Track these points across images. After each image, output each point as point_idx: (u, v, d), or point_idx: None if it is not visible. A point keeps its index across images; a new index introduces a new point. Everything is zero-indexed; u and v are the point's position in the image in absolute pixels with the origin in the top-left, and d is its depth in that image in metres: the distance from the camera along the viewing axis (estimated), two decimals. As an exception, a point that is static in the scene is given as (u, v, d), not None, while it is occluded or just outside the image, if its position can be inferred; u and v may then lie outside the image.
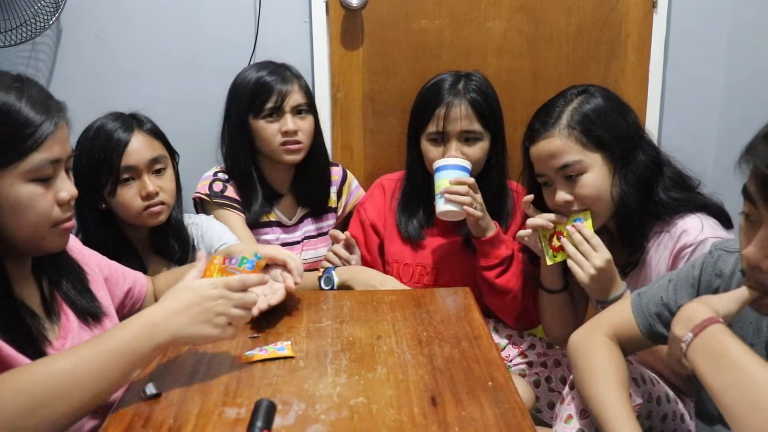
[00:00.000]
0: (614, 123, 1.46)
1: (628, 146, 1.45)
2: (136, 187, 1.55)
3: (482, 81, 1.72)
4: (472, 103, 1.66)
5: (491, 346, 1.18)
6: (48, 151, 0.99)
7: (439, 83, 1.70)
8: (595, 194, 1.44)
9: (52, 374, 0.92)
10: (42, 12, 1.93)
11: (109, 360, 0.95)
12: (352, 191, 2.02)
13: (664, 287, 1.22)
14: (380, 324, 1.28)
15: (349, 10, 2.09)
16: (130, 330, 0.99)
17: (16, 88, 0.98)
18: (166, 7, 2.08)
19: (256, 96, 1.79)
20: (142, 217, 1.57)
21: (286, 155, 1.81)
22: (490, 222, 1.65)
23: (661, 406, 1.33)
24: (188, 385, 1.05)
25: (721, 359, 0.93)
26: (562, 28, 2.16)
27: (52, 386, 0.90)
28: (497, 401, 1.00)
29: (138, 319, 1.01)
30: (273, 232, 1.90)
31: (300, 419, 0.95)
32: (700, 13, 2.19)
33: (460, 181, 1.59)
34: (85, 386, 0.93)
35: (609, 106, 1.47)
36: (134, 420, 0.96)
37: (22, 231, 1.01)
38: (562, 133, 1.44)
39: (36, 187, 1.00)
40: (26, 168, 0.98)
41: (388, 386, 1.04)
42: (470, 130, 1.67)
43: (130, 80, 2.11)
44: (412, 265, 1.78)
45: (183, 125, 1.93)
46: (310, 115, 1.84)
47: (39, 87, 1.03)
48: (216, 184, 1.84)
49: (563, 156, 1.44)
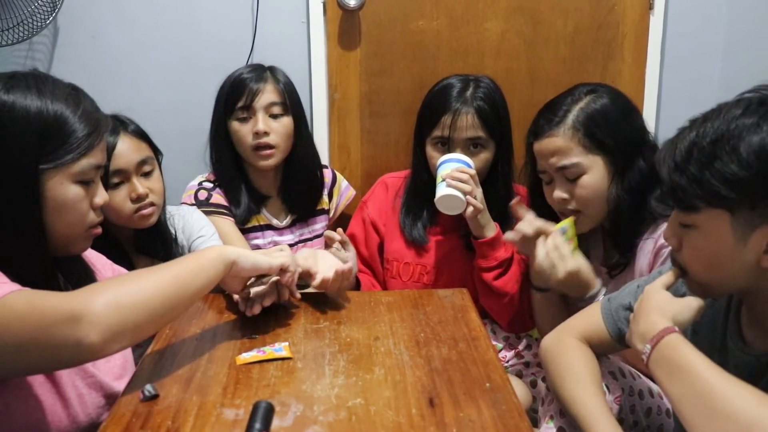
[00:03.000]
0: (619, 127, 1.46)
1: (630, 151, 1.46)
2: (126, 190, 1.53)
3: (490, 87, 1.71)
4: (479, 111, 1.66)
5: (489, 347, 1.19)
6: (94, 157, 1.08)
7: (448, 88, 1.70)
8: (592, 196, 1.46)
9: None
10: (39, 12, 1.93)
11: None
12: (342, 192, 2.01)
13: (633, 293, 1.24)
14: (378, 325, 1.28)
15: (346, 10, 2.09)
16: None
17: (73, 98, 1.07)
18: (163, 7, 2.08)
19: (229, 95, 1.77)
20: (132, 220, 1.55)
21: (259, 161, 1.78)
22: (490, 221, 1.65)
23: (644, 400, 1.34)
24: (186, 386, 1.05)
25: (678, 368, 0.95)
26: (559, 29, 2.16)
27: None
28: (495, 402, 1.00)
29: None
30: (265, 236, 1.87)
31: (298, 420, 0.96)
32: (697, 15, 2.19)
33: (462, 169, 1.60)
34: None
35: (616, 109, 1.48)
36: (132, 421, 0.96)
37: (60, 229, 1.07)
38: (567, 134, 1.45)
39: (80, 189, 1.07)
40: (76, 170, 1.05)
41: (386, 387, 1.04)
42: (476, 138, 1.67)
43: (127, 80, 2.10)
44: (412, 264, 1.78)
45: (181, 126, 1.94)
46: (286, 116, 1.79)
47: (91, 100, 1.13)
48: (201, 192, 1.81)
49: (564, 157, 1.45)
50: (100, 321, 0.93)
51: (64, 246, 1.10)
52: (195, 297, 1.09)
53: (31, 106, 1.02)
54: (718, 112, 0.98)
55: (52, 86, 1.06)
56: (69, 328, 0.91)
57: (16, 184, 1.01)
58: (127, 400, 1.01)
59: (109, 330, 0.93)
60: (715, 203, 0.95)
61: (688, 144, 0.98)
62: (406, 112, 2.09)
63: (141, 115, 1.63)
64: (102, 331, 0.92)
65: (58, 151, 1.03)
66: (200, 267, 1.11)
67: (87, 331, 0.92)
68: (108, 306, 0.94)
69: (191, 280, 1.08)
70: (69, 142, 1.04)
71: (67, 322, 0.91)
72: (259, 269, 1.22)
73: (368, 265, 1.86)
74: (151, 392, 1.01)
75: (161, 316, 1.03)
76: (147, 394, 1.01)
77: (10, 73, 1.06)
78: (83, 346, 0.92)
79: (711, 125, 0.96)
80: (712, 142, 0.94)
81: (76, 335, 0.91)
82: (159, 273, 1.06)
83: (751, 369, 1.03)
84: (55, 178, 1.04)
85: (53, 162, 1.03)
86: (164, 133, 1.66)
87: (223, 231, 1.74)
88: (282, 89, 1.79)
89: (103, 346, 0.93)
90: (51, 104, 1.04)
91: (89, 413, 1.09)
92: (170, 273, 1.07)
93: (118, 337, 0.95)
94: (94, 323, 0.92)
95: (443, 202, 1.60)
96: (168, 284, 1.04)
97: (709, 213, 0.96)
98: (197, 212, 1.74)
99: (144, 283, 1.03)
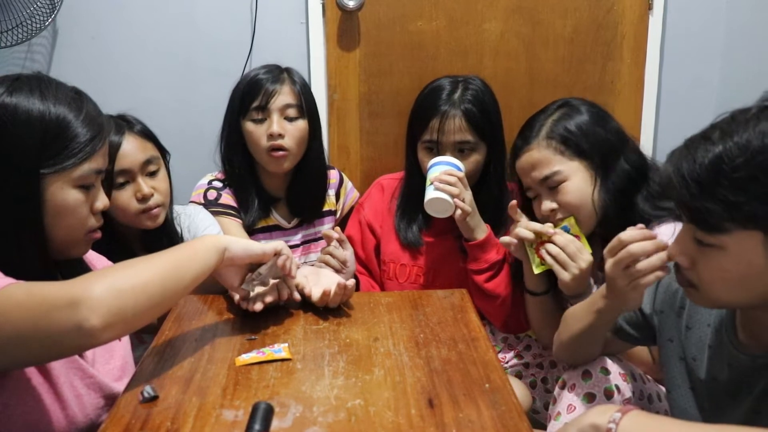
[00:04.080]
0: (593, 131, 1.49)
1: (608, 154, 1.48)
2: (131, 190, 1.54)
3: (480, 89, 1.71)
4: (467, 114, 1.66)
5: (488, 347, 1.19)
6: (96, 162, 1.08)
7: (437, 90, 1.70)
8: (577, 201, 1.47)
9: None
10: (38, 13, 1.93)
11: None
12: (348, 193, 2.02)
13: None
14: (377, 326, 1.28)
15: (345, 11, 2.09)
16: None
17: (76, 102, 1.08)
18: (162, 8, 2.08)
19: (245, 95, 1.75)
20: (139, 219, 1.56)
21: (272, 164, 1.77)
22: (480, 224, 1.64)
23: (653, 404, 1.35)
24: (186, 387, 1.05)
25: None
26: (558, 29, 2.16)
27: None
28: (494, 403, 1.00)
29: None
30: (273, 237, 1.86)
31: (297, 421, 0.95)
32: (696, 15, 2.20)
33: (450, 172, 1.60)
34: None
35: (588, 115, 1.51)
36: (132, 423, 0.96)
37: (59, 233, 1.07)
38: (541, 144, 1.49)
39: (80, 194, 1.07)
40: (77, 175, 1.06)
41: (386, 388, 1.04)
42: (464, 141, 1.67)
43: (126, 82, 2.10)
44: (408, 265, 1.78)
45: (180, 127, 1.94)
46: (301, 119, 1.77)
47: (94, 104, 1.12)
48: (210, 192, 1.81)
49: (543, 167, 1.48)
50: (100, 305, 0.93)
51: (64, 250, 1.10)
52: (191, 284, 1.10)
53: (33, 109, 1.02)
54: (741, 124, 0.91)
55: (55, 90, 1.06)
56: (69, 313, 0.91)
57: (17, 188, 1.02)
58: (126, 402, 1.01)
59: (109, 313, 0.94)
60: (750, 225, 0.89)
61: (712, 161, 0.90)
62: (405, 113, 2.08)
63: (140, 115, 1.63)
64: (102, 315, 0.93)
65: (60, 156, 1.04)
66: (195, 253, 1.12)
67: (87, 315, 0.92)
68: (107, 290, 0.95)
69: (187, 266, 1.09)
70: (70, 147, 1.05)
71: (67, 307, 0.92)
72: (251, 254, 1.23)
73: (365, 267, 1.86)
74: (151, 393, 1.01)
75: (159, 302, 1.03)
76: (146, 396, 1.01)
77: (15, 76, 1.06)
78: (84, 330, 0.92)
79: (739, 140, 0.89)
80: (747, 161, 0.87)
81: (76, 319, 0.91)
82: (155, 259, 1.07)
83: (745, 369, 1.02)
84: (56, 183, 1.04)
85: (54, 167, 1.03)
86: (163, 133, 1.65)
87: (228, 232, 1.74)
88: (298, 91, 1.78)
89: (103, 330, 0.93)
90: (53, 108, 1.04)
91: (88, 414, 1.09)
92: (166, 259, 1.08)
93: (118, 322, 0.95)
94: (93, 307, 0.92)
95: (431, 205, 1.60)
96: (164, 270, 1.05)
97: (740, 235, 0.90)
98: (203, 212, 1.74)
99: (141, 269, 1.03)
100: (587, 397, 1.27)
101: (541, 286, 1.59)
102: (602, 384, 1.27)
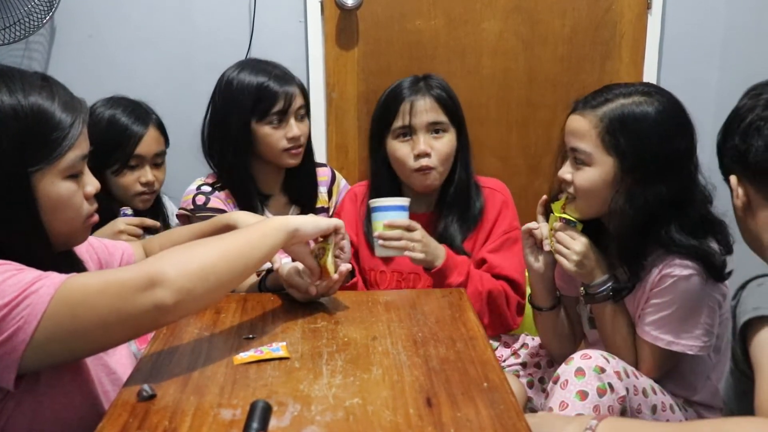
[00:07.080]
0: (648, 139, 1.36)
1: (649, 168, 1.36)
2: (138, 174, 1.74)
3: (442, 81, 1.74)
4: (437, 98, 1.68)
5: (486, 347, 1.18)
6: (79, 148, 1.05)
7: (399, 85, 1.72)
8: (588, 190, 1.40)
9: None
10: (36, 11, 1.92)
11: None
12: (341, 190, 2.01)
13: None
14: (375, 325, 1.28)
15: (344, 10, 2.09)
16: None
17: (46, 89, 1.02)
18: (160, 6, 2.08)
19: (260, 101, 1.75)
20: (134, 200, 1.77)
21: (289, 159, 1.81)
22: (437, 251, 1.61)
23: (648, 397, 1.35)
24: (183, 386, 1.05)
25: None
26: (557, 29, 2.16)
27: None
28: (492, 402, 1.00)
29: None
30: None
31: (295, 420, 0.95)
32: (695, 15, 2.20)
33: (392, 224, 1.55)
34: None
35: (656, 121, 1.37)
36: (129, 421, 0.96)
37: (60, 227, 1.06)
38: (592, 121, 1.39)
39: (72, 184, 1.05)
40: (64, 166, 1.02)
41: (384, 387, 1.04)
42: (437, 122, 1.68)
43: (124, 79, 2.09)
44: (387, 272, 1.76)
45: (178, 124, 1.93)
46: (307, 117, 1.84)
47: (63, 86, 1.07)
48: (198, 197, 1.80)
49: (580, 140, 1.41)
50: (174, 284, 0.98)
51: (65, 242, 1.09)
52: (258, 264, 1.14)
53: (3, 106, 0.96)
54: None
55: (20, 80, 1.00)
56: (149, 294, 0.96)
57: (7, 192, 0.98)
58: (124, 400, 1.01)
59: (182, 292, 0.98)
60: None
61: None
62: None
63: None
64: (175, 293, 0.98)
65: (45, 149, 1.00)
66: (263, 235, 1.16)
67: (163, 295, 0.97)
68: (179, 271, 0.99)
69: (254, 247, 1.13)
70: (53, 137, 1.00)
71: (146, 288, 0.96)
72: (321, 230, 1.29)
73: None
74: (149, 392, 1.01)
75: (226, 282, 1.07)
76: (144, 394, 1.01)
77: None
78: (161, 309, 0.97)
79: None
80: None
81: (154, 298, 0.97)
82: (223, 241, 1.11)
83: None
84: (46, 178, 1.01)
85: (41, 162, 0.99)
86: (161, 131, 1.67)
87: None
88: (303, 89, 1.84)
89: (176, 308, 0.99)
90: (24, 100, 0.98)
91: None
92: (234, 241, 1.12)
93: (189, 300, 1.00)
94: (168, 287, 0.97)
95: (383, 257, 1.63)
96: (232, 251, 1.09)
97: None
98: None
99: (209, 250, 1.07)
100: (579, 395, 1.26)
101: (546, 301, 1.59)
102: (595, 382, 1.27)
